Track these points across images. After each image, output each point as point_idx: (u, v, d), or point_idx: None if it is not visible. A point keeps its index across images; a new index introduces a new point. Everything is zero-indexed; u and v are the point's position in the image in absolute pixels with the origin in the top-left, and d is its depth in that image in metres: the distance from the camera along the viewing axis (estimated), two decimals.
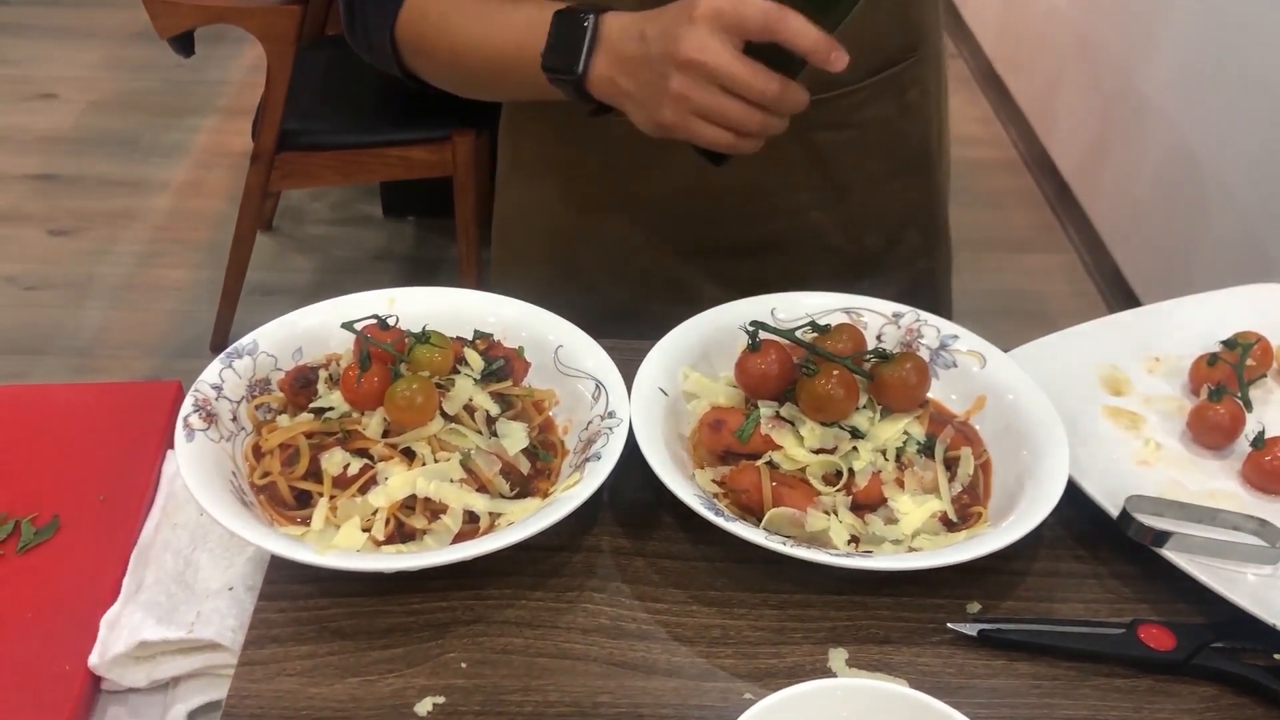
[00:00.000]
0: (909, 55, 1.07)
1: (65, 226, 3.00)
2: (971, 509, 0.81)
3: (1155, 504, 0.81)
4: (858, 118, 1.06)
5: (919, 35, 1.08)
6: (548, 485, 0.82)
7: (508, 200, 1.20)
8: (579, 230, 1.13)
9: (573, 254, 1.15)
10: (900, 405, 0.84)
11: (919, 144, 1.14)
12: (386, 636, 0.74)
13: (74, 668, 0.73)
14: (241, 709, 0.69)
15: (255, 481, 0.79)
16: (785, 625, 0.76)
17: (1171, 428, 0.92)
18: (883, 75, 1.06)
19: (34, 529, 0.82)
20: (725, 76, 0.80)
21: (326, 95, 2.52)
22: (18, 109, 3.52)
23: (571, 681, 0.71)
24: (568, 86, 0.89)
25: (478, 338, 0.88)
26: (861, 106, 1.06)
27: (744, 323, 0.87)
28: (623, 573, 0.79)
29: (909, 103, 1.10)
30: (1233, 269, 2.27)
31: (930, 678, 0.73)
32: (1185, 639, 0.74)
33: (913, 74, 1.09)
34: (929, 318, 0.95)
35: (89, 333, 2.65)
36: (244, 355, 0.86)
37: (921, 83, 1.10)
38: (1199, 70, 2.46)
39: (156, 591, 0.77)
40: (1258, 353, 0.96)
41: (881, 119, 1.08)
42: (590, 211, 1.12)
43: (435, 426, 0.79)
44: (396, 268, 2.94)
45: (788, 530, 0.78)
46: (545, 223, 1.16)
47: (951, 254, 1.25)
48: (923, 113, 1.12)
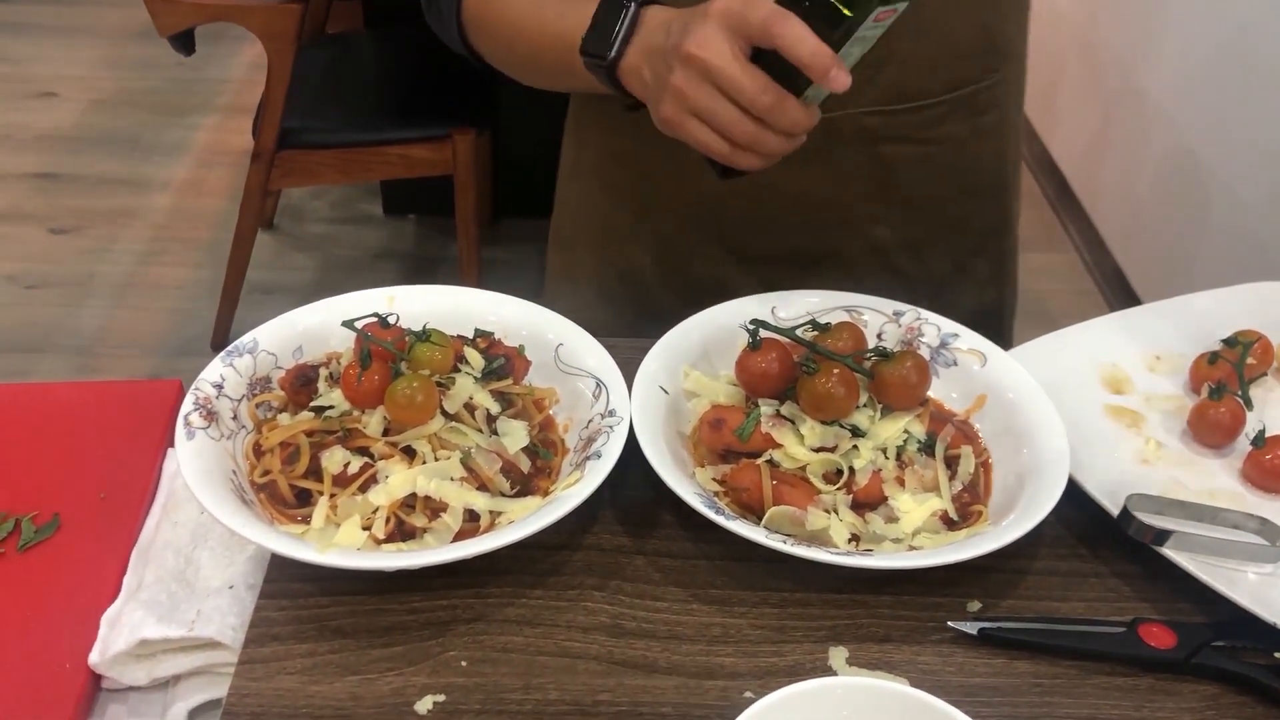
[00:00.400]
0: (989, 75, 1.04)
1: (66, 225, 3.00)
2: (972, 507, 0.81)
3: (1156, 503, 0.81)
4: (929, 134, 1.03)
5: (1002, 56, 1.05)
6: (548, 484, 0.81)
7: (567, 198, 1.19)
8: (634, 230, 1.12)
9: (627, 254, 1.13)
10: (901, 404, 0.84)
11: (992, 168, 1.11)
12: (387, 635, 0.74)
13: (74, 666, 0.73)
14: (242, 707, 0.69)
15: (256, 480, 0.79)
16: (785, 624, 0.76)
17: (1172, 426, 0.92)
18: (960, 93, 1.02)
19: (34, 527, 0.82)
20: (719, 75, 0.78)
21: (327, 93, 2.53)
22: (18, 107, 3.52)
23: (572, 680, 0.71)
24: (601, 73, 0.87)
25: (478, 336, 0.88)
26: (934, 124, 1.03)
27: (745, 321, 0.87)
28: (623, 571, 0.79)
29: (985, 124, 1.06)
30: (1233, 267, 2.27)
31: (931, 676, 0.73)
32: (1186, 638, 0.74)
33: (991, 95, 1.05)
34: (930, 316, 0.95)
35: (90, 331, 2.65)
36: (244, 353, 0.86)
37: (1000, 105, 1.07)
38: (1199, 69, 2.46)
39: (157, 590, 0.77)
40: (1258, 351, 0.96)
41: (954, 138, 1.05)
42: (646, 211, 1.10)
43: (436, 425, 0.79)
44: (397, 266, 2.94)
45: (788, 529, 0.78)
46: (601, 221, 1.15)
47: (1018, 293, 1.22)
48: (998, 137, 1.09)
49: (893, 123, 1.01)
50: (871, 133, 1.00)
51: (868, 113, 1.00)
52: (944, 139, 1.04)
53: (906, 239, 1.08)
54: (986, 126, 1.07)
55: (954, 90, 1.02)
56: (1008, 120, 1.09)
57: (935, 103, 1.02)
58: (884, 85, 0.98)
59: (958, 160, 1.07)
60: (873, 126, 1.00)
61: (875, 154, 1.03)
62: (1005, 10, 1.03)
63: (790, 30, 0.75)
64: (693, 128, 0.82)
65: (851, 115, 0.99)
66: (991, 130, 1.08)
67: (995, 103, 1.06)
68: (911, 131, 1.03)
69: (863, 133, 1.00)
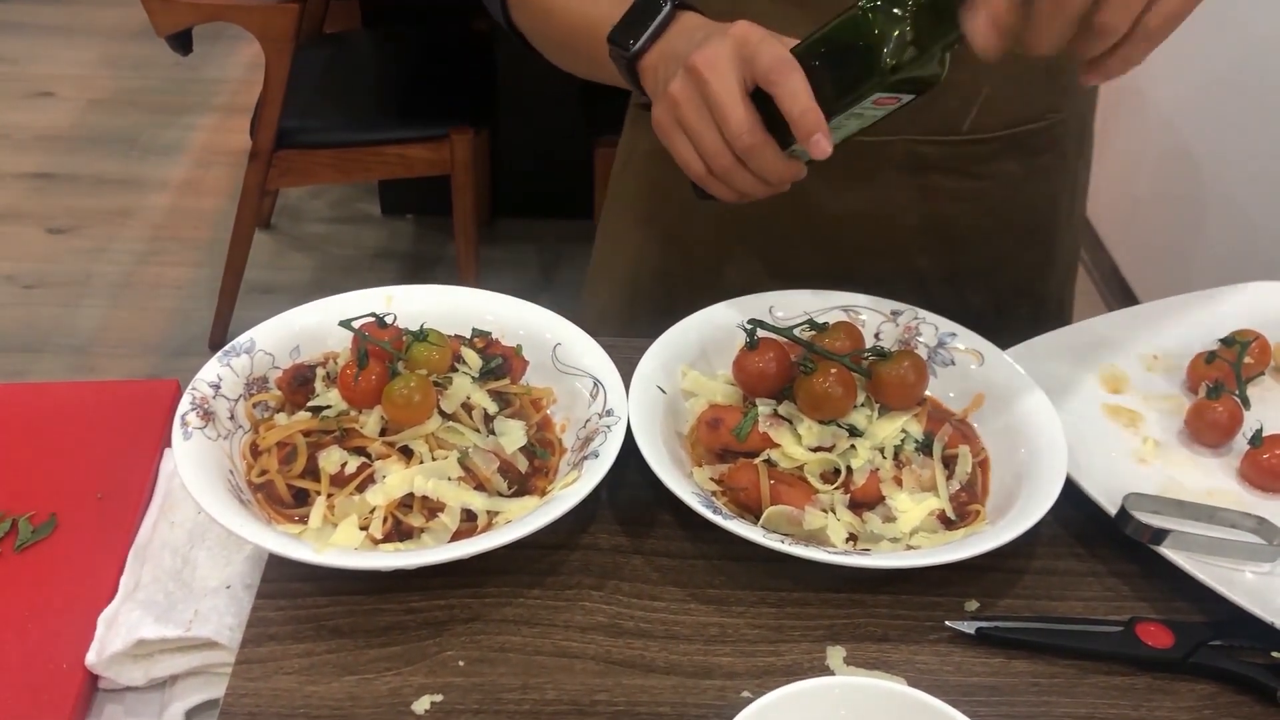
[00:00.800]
0: (1050, 115, 1.03)
1: (63, 225, 3.00)
2: (969, 507, 0.81)
3: (1153, 502, 0.81)
4: (981, 169, 1.02)
5: (1064, 96, 1.03)
6: (545, 483, 0.81)
7: (617, 192, 1.18)
8: (674, 231, 1.11)
9: (664, 254, 1.13)
10: (898, 403, 0.84)
11: (1042, 210, 1.09)
12: (384, 635, 0.74)
13: (71, 666, 0.73)
14: (239, 707, 0.69)
15: (253, 480, 0.79)
16: (783, 623, 0.76)
17: (1170, 426, 0.92)
18: (1017, 130, 1.01)
19: (31, 527, 0.82)
20: (713, 99, 0.77)
21: (324, 93, 2.53)
22: (15, 107, 3.51)
23: (569, 679, 0.71)
24: (622, 64, 0.87)
25: (476, 336, 0.88)
26: (987, 159, 1.02)
27: (742, 321, 0.87)
28: (620, 571, 0.79)
29: (1039, 165, 1.05)
30: (1231, 267, 2.27)
31: (928, 676, 0.73)
32: (1183, 637, 0.74)
33: (1050, 136, 1.04)
34: (927, 315, 0.95)
35: (87, 331, 2.65)
36: (241, 353, 0.85)
37: (1059, 147, 1.05)
38: (1197, 69, 2.46)
39: (154, 590, 0.77)
40: (1256, 350, 0.96)
41: (1006, 176, 1.03)
42: (688, 215, 1.09)
43: (433, 425, 0.79)
44: (395, 265, 2.94)
45: (786, 528, 0.78)
46: (644, 218, 1.14)
47: None
48: (1053, 179, 1.07)
49: (945, 153, 1.00)
50: (922, 161, 0.99)
51: (921, 141, 0.99)
52: (995, 175, 1.03)
53: (947, 272, 1.06)
54: (1041, 167, 1.05)
55: (1012, 128, 1.01)
56: (1065, 163, 1.07)
57: (991, 138, 1.00)
58: (941, 115, 0.97)
59: (1007, 198, 1.05)
60: (925, 155, 0.99)
61: (924, 183, 1.02)
62: None
63: (789, 83, 0.74)
64: (677, 140, 0.81)
65: (905, 141, 0.99)
66: (1045, 171, 1.06)
67: (1052, 144, 1.05)
68: (963, 165, 1.01)
69: (914, 160, 0.99)
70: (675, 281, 1.11)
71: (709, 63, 0.77)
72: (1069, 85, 1.04)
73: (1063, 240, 1.14)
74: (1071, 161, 1.09)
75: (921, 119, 0.97)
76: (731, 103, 0.77)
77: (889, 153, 0.99)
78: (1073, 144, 1.08)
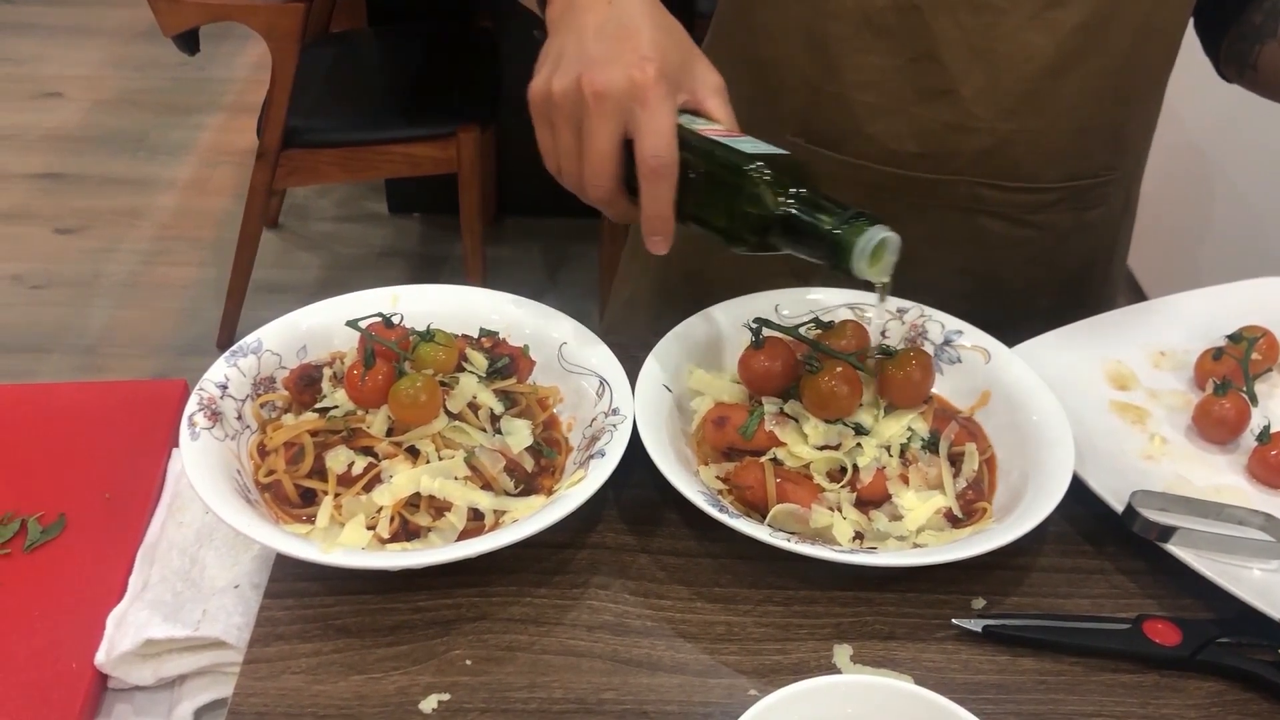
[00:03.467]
0: (1107, 172, 1.02)
1: (71, 225, 3.00)
2: (976, 505, 0.81)
3: (1161, 499, 0.81)
4: (1032, 218, 1.02)
5: (1123, 154, 1.04)
6: (552, 482, 0.82)
7: None
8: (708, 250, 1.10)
9: (699, 259, 1.11)
10: (904, 401, 0.84)
11: (1083, 266, 1.09)
12: (391, 634, 0.74)
13: (81, 666, 0.73)
14: (247, 707, 0.69)
15: (260, 480, 0.79)
16: (790, 622, 0.76)
17: (1177, 422, 0.92)
18: (1074, 184, 1.01)
19: (40, 528, 0.82)
20: (587, 134, 0.74)
21: (331, 92, 2.53)
22: (23, 108, 3.52)
23: (576, 678, 0.71)
24: None
25: (483, 335, 0.88)
26: (1040, 209, 1.01)
27: (748, 319, 0.87)
28: (627, 570, 0.79)
29: (1089, 220, 1.05)
30: (1239, 263, 2.26)
31: (935, 674, 0.73)
32: (1191, 635, 0.74)
33: (1103, 191, 1.04)
34: (933, 313, 0.95)
35: (95, 331, 2.65)
36: (248, 353, 0.86)
37: (1108, 203, 1.05)
38: (1204, 64, 2.45)
39: (162, 589, 0.77)
40: (1263, 347, 0.96)
41: (1056, 228, 1.03)
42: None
43: (439, 424, 0.79)
44: (402, 264, 2.95)
45: (792, 527, 0.78)
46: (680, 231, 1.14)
47: None
48: (1098, 234, 1.07)
49: (1000, 198, 0.99)
50: (977, 203, 0.99)
51: (980, 183, 0.99)
52: (1046, 226, 1.03)
53: (985, 318, 1.03)
54: (1090, 222, 1.05)
55: (1070, 180, 1.01)
56: (1112, 219, 1.07)
57: (1048, 188, 1.00)
58: (1008, 161, 0.97)
59: (1053, 251, 1.05)
60: (980, 197, 0.99)
61: (973, 224, 1.01)
62: (1136, 109, 1.02)
63: (655, 188, 0.73)
64: (542, 131, 0.78)
65: (964, 181, 0.98)
66: (1094, 227, 1.06)
67: (1105, 200, 1.05)
68: (1016, 212, 1.01)
69: (970, 201, 0.99)
70: (704, 286, 1.10)
71: (599, 96, 0.73)
72: (1128, 144, 1.04)
73: (1101, 294, 1.14)
74: (1117, 218, 1.09)
75: (987, 164, 0.97)
76: (600, 155, 0.75)
77: (949, 191, 0.99)
78: (1120, 200, 1.08)
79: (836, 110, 0.98)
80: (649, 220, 0.75)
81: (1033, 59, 0.92)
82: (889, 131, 0.97)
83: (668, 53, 0.75)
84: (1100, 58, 0.94)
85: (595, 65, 0.74)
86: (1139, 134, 1.05)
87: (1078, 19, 0.91)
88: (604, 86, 0.73)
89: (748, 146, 0.75)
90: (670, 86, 0.74)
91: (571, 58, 0.76)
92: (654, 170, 0.73)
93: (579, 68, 0.75)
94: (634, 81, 0.73)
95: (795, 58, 0.98)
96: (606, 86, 0.73)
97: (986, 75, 0.93)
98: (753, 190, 0.73)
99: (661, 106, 0.73)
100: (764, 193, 0.72)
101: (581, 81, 0.74)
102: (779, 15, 0.97)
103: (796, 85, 0.99)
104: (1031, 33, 0.91)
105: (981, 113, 0.94)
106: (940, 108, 0.95)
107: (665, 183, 0.74)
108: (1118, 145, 1.03)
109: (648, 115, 0.73)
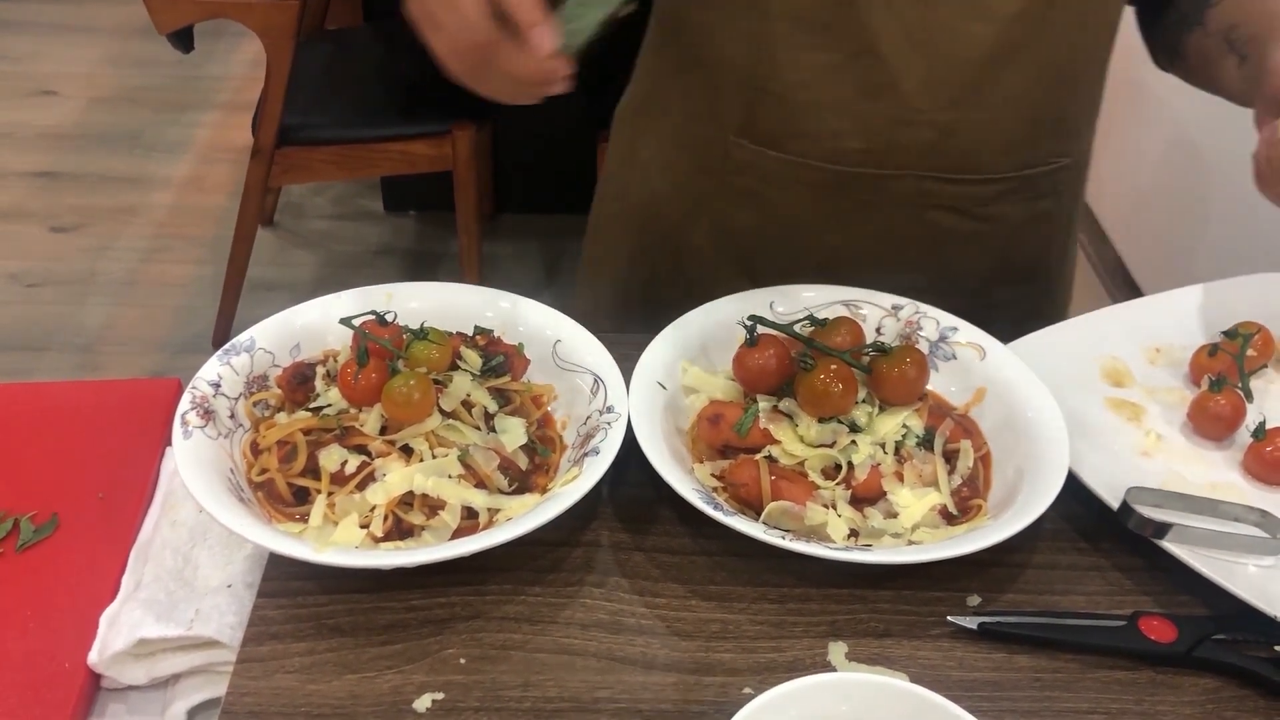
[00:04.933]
0: (1055, 160, 1.02)
1: (67, 223, 3.00)
2: (971, 502, 0.81)
3: (1156, 495, 0.81)
4: (982, 211, 1.02)
5: (1072, 140, 1.03)
6: (546, 480, 0.81)
7: (612, 196, 1.17)
8: (671, 250, 1.11)
9: (653, 266, 1.12)
10: (899, 399, 0.84)
11: (1037, 256, 1.09)
12: (385, 633, 0.74)
13: (74, 665, 0.73)
14: (240, 706, 0.69)
15: (253, 478, 0.79)
16: (785, 619, 0.76)
17: (1172, 419, 0.92)
18: (1024, 174, 1.01)
19: (33, 527, 0.82)
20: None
21: (326, 90, 2.52)
22: (18, 105, 3.51)
23: (570, 676, 0.71)
24: None
25: (478, 333, 0.88)
26: (990, 200, 1.01)
27: (742, 317, 0.87)
28: (621, 567, 0.79)
29: (1039, 209, 1.05)
30: (1234, 259, 2.26)
31: (930, 671, 0.73)
32: (1186, 631, 0.74)
33: (1053, 180, 1.03)
34: (928, 310, 0.95)
35: (91, 329, 2.65)
36: (241, 352, 0.85)
37: (1059, 193, 1.05)
38: None
39: (156, 589, 0.77)
40: (1259, 343, 0.96)
41: (1007, 219, 1.03)
42: (686, 233, 1.09)
43: (433, 423, 0.79)
44: (398, 262, 2.94)
45: (787, 524, 0.78)
46: (639, 232, 1.14)
47: None
48: (1052, 223, 1.07)
49: (950, 191, 0.99)
50: (926, 197, 0.99)
51: (928, 177, 0.99)
52: (998, 218, 1.03)
53: None
54: (1042, 211, 1.05)
55: (1020, 170, 1.00)
56: (1062, 208, 1.07)
57: (998, 179, 1.00)
58: (954, 153, 0.97)
59: (1005, 242, 1.05)
60: (929, 191, 0.99)
61: (924, 220, 1.01)
62: (1081, 95, 1.02)
63: None
64: (429, 34, 0.76)
65: (912, 176, 0.98)
66: (1047, 216, 1.06)
67: (1055, 189, 1.04)
68: (966, 204, 1.01)
69: (918, 196, 0.99)
70: (665, 294, 1.09)
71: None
72: (1075, 130, 1.03)
73: (1057, 283, 1.13)
74: (1068, 204, 1.08)
75: (935, 158, 0.97)
76: None
77: (897, 187, 0.99)
78: (1068, 189, 1.07)
79: (778, 109, 0.98)
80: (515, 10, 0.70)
81: (973, 49, 0.92)
82: (832, 129, 0.97)
83: None
84: (1042, 45, 0.93)
85: None
86: (1085, 120, 1.05)
87: (1016, 7, 0.90)
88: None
89: None
90: None
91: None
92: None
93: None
94: None
95: (734, 58, 0.97)
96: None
97: (927, 67, 0.92)
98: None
99: None
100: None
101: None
102: (717, 15, 0.97)
103: (737, 85, 0.99)
104: (970, 22, 0.91)
105: (924, 105, 0.94)
106: (882, 102, 0.94)
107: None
108: (1065, 131, 1.02)
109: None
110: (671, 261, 1.11)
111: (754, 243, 1.06)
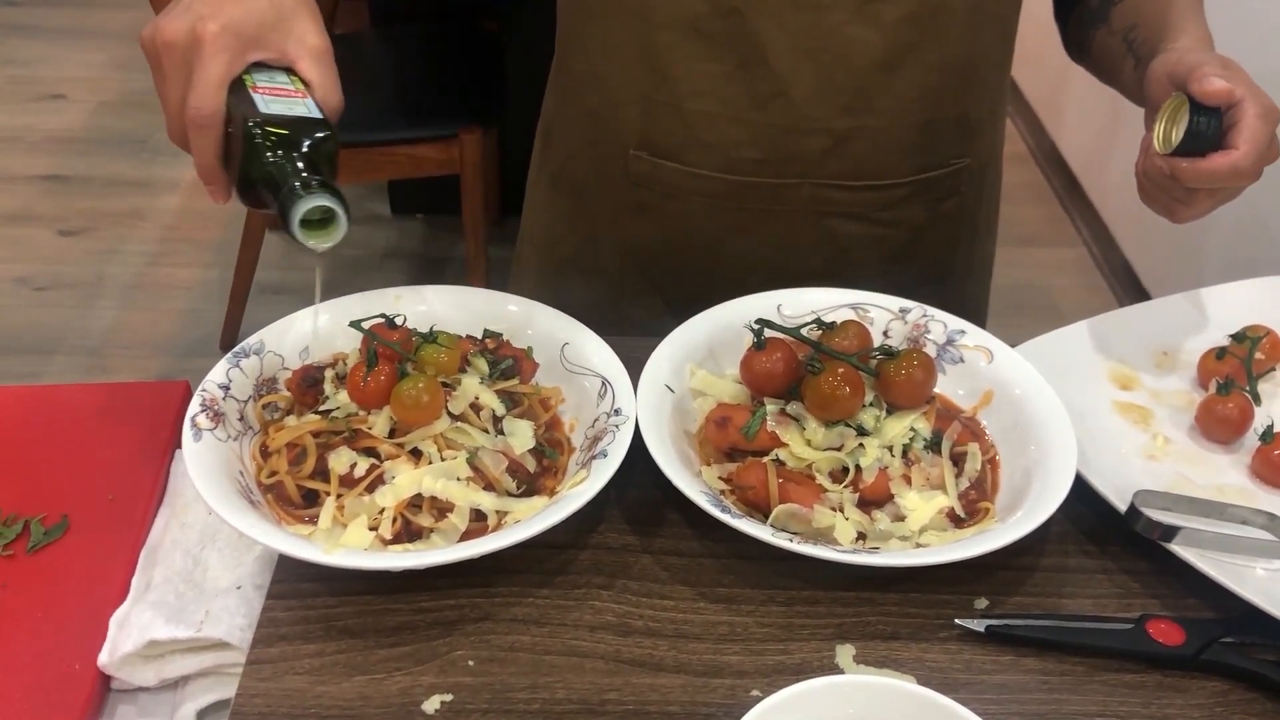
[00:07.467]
0: (956, 161, 1.02)
1: (75, 227, 3.00)
2: (979, 505, 0.81)
3: (1164, 499, 0.81)
4: (884, 215, 1.02)
5: (972, 141, 1.02)
6: (554, 483, 0.82)
7: (534, 199, 1.18)
8: (577, 260, 1.11)
9: (566, 281, 1.12)
10: (906, 402, 0.84)
11: (943, 257, 1.08)
12: (394, 635, 0.74)
13: (84, 667, 0.73)
14: (250, 707, 0.69)
15: (263, 481, 0.79)
16: (792, 622, 0.76)
17: (1180, 422, 0.92)
18: (925, 176, 1.00)
19: (43, 529, 0.82)
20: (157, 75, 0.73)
21: None
22: (27, 110, 3.52)
23: (579, 678, 0.71)
24: None
25: (487, 337, 0.88)
26: (892, 205, 1.01)
27: (750, 320, 0.87)
28: (629, 570, 0.79)
29: (942, 211, 1.04)
30: (1242, 263, 2.26)
31: (938, 674, 0.73)
32: (1194, 634, 0.74)
33: (955, 181, 1.03)
34: (936, 313, 0.95)
35: (99, 333, 2.65)
36: (251, 355, 0.86)
37: (961, 192, 1.04)
38: None
39: (165, 591, 0.77)
40: (1266, 346, 0.96)
41: (909, 223, 1.03)
42: (591, 245, 1.10)
43: (441, 425, 0.79)
44: (404, 265, 2.95)
45: (794, 527, 0.78)
46: (548, 245, 1.14)
47: None
48: (955, 224, 1.06)
49: (849, 198, 0.99)
50: (824, 205, 0.99)
51: (826, 184, 0.98)
52: (899, 222, 1.03)
53: None
54: (945, 213, 1.05)
55: (918, 174, 1.00)
56: (966, 209, 1.07)
57: (896, 184, 1.00)
58: (850, 160, 0.97)
59: (909, 245, 1.05)
60: (827, 199, 0.99)
61: (825, 228, 1.01)
62: (980, 95, 1.01)
63: (195, 140, 0.73)
64: (156, 76, 0.75)
65: (808, 185, 0.98)
66: (949, 217, 1.05)
67: (957, 190, 1.04)
68: (866, 210, 1.01)
69: (816, 204, 0.99)
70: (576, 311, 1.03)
71: (168, 46, 0.72)
72: (978, 129, 1.03)
73: (964, 283, 1.12)
74: (972, 205, 1.08)
75: (832, 164, 0.97)
76: (173, 105, 0.73)
77: (794, 195, 0.99)
78: (972, 190, 1.06)
79: (673, 121, 0.98)
80: (198, 170, 0.74)
81: (862, 55, 0.91)
82: (727, 139, 0.97)
83: (251, 10, 0.74)
84: (933, 48, 0.93)
85: (172, 16, 0.73)
86: (987, 120, 1.04)
87: (904, 10, 0.90)
88: (171, 38, 0.72)
89: (288, 109, 0.75)
90: (236, 42, 0.73)
91: (184, 4, 0.74)
92: (192, 120, 0.72)
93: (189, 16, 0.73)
94: (194, 34, 0.72)
95: (629, 70, 0.98)
96: (173, 38, 0.72)
97: (817, 75, 0.92)
98: (249, 147, 0.73)
99: (213, 61, 0.72)
100: (252, 151, 0.73)
101: (195, 33, 0.72)
102: (610, 28, 0.97)
103: (633, 98, 0.99)
104: (857, 28, 0.90)
105: (817, 113, 0.94)
106: (775, 111, 0.94)
107: (204, 134, 0.73)
108: (965, 132, 1.02)
109: (199, 68, 0.72)
110: (580, 281, 1.11)
111: (658, 255, 1.06)
